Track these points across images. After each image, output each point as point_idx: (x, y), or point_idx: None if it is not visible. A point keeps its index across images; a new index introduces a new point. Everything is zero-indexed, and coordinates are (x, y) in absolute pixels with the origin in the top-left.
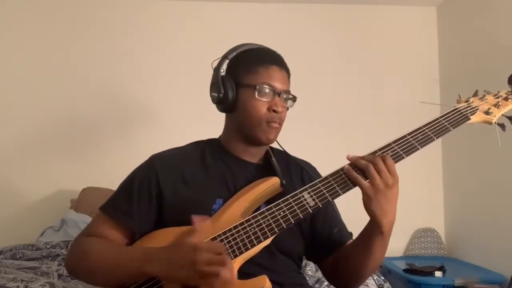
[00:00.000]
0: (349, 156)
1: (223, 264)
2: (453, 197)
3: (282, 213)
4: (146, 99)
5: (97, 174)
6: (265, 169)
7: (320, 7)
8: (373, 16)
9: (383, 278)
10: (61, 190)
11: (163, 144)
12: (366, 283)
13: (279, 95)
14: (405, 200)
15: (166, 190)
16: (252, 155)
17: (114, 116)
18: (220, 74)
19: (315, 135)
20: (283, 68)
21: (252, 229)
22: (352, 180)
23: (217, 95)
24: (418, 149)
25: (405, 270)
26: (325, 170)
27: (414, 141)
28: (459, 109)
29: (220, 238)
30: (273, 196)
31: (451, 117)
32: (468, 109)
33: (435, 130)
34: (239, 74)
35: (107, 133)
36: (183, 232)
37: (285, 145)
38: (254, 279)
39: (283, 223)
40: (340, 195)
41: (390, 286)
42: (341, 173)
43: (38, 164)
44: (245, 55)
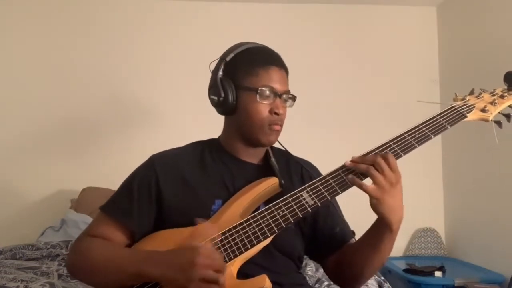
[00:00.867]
0: (354, 158)
1: (222, 271)
2: (453, 197)
3: (281, 212)
4: (146, 99)
5: (97, 174)
6: (264, 170)
7: (320, 7)
8: (373, 16)
9: (383, 278)
10: (61, 190)
11: (163, 144)
12: (367, 283)
13: (280, 97)
14: (405, 200)
15: (166, 190)
16: (251, 155)
17: (114, 116)
18: (218, 77)
19: (314, 135)
20: (282, 67)
21: (252, 229)
22: (357, 186)
23: (216, 98)
24: (416, 147)
25: (405, 270)
26: (325, 170)
27: (412, 139)
28: (455, 107)
29: (220, 239)
30: (272, 196)
31: (448, 115)
32: (464, 107)
33: (432, 128)
34: (238, 76)
35: (107, 133)
36: (183, 235)
37: (284, 145)
38: (254, 278)
39: (282, 222)
40: (339, 194)
41: (390, 286)
42: (339, 172)
43: (38, 164)
44: (243, 56)
